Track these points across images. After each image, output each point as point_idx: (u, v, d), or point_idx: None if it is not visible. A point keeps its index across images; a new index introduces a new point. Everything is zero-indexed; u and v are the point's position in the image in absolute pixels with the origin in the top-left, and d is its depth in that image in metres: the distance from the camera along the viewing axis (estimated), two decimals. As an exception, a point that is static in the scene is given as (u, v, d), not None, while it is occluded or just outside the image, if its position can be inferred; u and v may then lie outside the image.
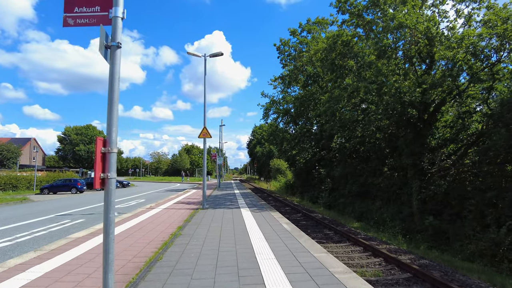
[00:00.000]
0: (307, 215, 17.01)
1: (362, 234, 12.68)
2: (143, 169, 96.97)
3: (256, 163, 74.82)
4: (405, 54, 15.25)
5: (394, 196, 19.70)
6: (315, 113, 27.26)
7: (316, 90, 29.73)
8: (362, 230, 15.08)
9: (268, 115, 36.19)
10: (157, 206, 14.47)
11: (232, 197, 19.52)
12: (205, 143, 13.25)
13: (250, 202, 16.44)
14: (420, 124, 15.54)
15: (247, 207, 13.76)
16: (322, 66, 22.72)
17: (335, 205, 25.70)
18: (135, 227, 9.04)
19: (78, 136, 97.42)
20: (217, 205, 14.56)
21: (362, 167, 22.40)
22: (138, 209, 13.39)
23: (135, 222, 9.97)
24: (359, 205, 22.02)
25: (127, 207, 16.07)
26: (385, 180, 20.38)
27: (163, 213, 11.98)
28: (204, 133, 13.05)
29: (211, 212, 12.06)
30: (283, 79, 30.82)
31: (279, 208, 20.63)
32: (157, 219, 10.52)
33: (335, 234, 12.40)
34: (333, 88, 21.36)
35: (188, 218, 10.72)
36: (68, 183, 30.64)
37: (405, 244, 12.21)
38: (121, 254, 6.05)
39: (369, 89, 14.22)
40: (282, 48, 30.12)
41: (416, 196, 16.01)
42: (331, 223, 14.49)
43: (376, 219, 19.16)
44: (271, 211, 12.43)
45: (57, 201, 21.52)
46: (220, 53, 13.58)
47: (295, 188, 38.22)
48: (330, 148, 30.17)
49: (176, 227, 8.97)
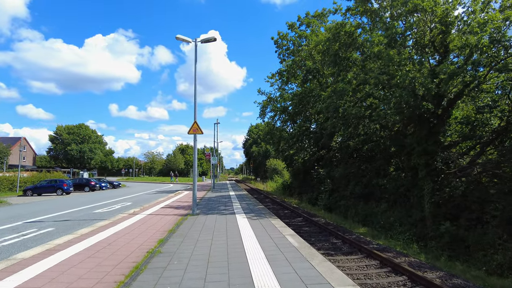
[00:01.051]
0: (308, 220, 15.53)
1: (374, 243, 11.19)
2: (136, 169, 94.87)
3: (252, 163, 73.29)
4: (417, 42, 13.80)
5: (401, 198, 18.30)
6: (315, 110, 25.80)
7: (315, 87, 28.29)
8: (371, 237, 13.62)
9: (265, 113, 34.76)
10: (142, 211, 12.87)
11: (226, 200, 17.96)
12: (195, 140, 11.68)
13: (247, 206, 14.89)
14: (434, 119, 14.10)
15: (243, 212, 12.22)
16: (323, 59, 21.25)
17: (335, 207, 24.30)
18: (106, 240, 7.44)
19: (70, 135, 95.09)
20: (210, 210, 13.01)
21: (366, 167, 20.96)
22: (119, 215, 11.77)
23: (109, 233, 8.36)
24: (362, 207, 20.63)
25: (108, 212, 14.44)
26: (391, 181, 18.97)
27: (146, 220, 10.40)
28: (194, 128, 11.49)
29: (201, 219, 10.51)
30: (281, 75, 29.31)
31: (277, 211, 19.12)
32: (137, 229, 8.94)
33: (343, 243, 10.90)
34: (335, 82, 19.91)
35: (174, 227, 9.14)
36: (53, 184, 28.85)
37: (422, 255, 10.75)
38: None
39: (379, 81, 12.73)
40: (280, 42, 28.61)
41: (428, 199, 14.58)
42: (336, 230, 13.01)
43: (382, 223, 17.76)
44: (270, 218, 10.90)
45: (37, 204, 19.81)
46: (212, 38, 12.02)
47: (293, 189, 36.84)
48: (330, 148, 28.72)
49: (156, 241, 7.40)
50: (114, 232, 8.48)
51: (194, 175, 11.61)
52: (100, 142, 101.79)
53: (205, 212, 12.27)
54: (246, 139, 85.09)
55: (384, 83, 12.87)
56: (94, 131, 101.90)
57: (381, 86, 13.34)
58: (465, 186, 13.22)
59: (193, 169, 11.63)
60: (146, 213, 12.12)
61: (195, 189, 11.68)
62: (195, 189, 11.68)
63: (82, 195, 27.61)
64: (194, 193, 11.66)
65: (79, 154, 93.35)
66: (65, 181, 29.58)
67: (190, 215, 11.34)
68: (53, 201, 21.60)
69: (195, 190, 11.69)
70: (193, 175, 11.62)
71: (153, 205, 15.24)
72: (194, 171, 11.60)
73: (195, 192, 11.64)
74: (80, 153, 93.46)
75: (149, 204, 15.44)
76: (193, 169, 11.57)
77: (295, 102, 28.05)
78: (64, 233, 9.21)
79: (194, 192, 11.67)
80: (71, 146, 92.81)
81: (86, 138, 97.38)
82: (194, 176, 11.63)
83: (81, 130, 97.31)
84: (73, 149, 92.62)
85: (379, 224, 17.72)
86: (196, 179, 11.66)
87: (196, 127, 11.51)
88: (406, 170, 18.37)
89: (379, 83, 13.16)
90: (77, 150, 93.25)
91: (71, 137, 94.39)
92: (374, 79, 12.72)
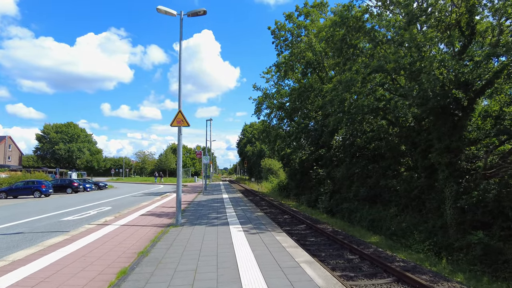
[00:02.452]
0: (313, 227, 13.51)
1: (397, 259, 9.19)
2: (127, 169, 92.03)
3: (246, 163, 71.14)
4: (441, 21, 11.84)
5: (414, 202, 16.42)
6: (316, 105, 23.84)
7: (315, 81, 26.35)
8: (387, 248, 11.68)
9: (260, 110, 32.88)
10: (116, 220, 10.69)
11: (219, 205, 15.82)
12: (180, 134, 9.54)
13: (242, 213, 12.77)
14: (459, 112, 12.18)
15: (238, 223, 10.09)
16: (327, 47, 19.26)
17: (337, 210, 22.41)
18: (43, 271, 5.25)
19: (58, 134, 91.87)
20: (198, 219, 10.86)
21: (373, 166, 19.02)
22: (85, 226, 9.56)
23: (52, 259, 6.09)
24: (368, 211, 18.74)
25: (77, 220, 12.19)
26: (403, 182, 17.04)
27: (115, 235, 8.25)
28: (178, 119, 9.35)
29: (185, 234, 8.37)
30: (278, 68, 27.24)
31: (276, 216, 17.08)
32: (97, 250, 6.78)
33: (361, 260, 8.89)
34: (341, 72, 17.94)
35: (148, 246, 7.00)
36: (30, 185, 26.44)
37: (459, 275, 8.78)
38: None
39: (399, 66, 10.74)
40: (277, 33, 26.57)
41: (451, 204, 12.68)
42: (349, 241, 11.01)
43: (393, 229, 15.87)
44: (273, 232, 8.79)
45: (3, 209, 17.45)
46: (202, 11, 9.87)
47: (289, 190, 34.94)
48: (330, 146, 26.78)
49: (116, 273, 5.26)
50: (61, 256, 6.18)
51: (178, 175, 9.46)
52: (89, 141, 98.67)
53: (192, 222, 10.13)
54: (240, 139, 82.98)
55: (406, 68, 10.88)
56: (83, 130, 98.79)
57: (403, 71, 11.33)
58: (497, 188, 11.31)
59: (177, 169, 9.49)
60: (119, 223, 9.92)
61: (179, 193, 9.52)
62: (179, 193, 9.52)
63: (62, 198, 25.24)
64: (179, 197, 9.51)
65: (67, 153, 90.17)
66: (43, 182, 27.15)
67: (173, 226, 9.19)
68: (24, 205, 19.24)
69: (179, 193, 9.54)
70: (177, 176, 9.47)
71: (133, 211, 13.04)
72: (178, 171, 9.47)
73: (180, 197, 9.48)
74: (68, 152, 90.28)
75: (128, 210, 13.23)
76: (177, 168, 9.43)
77: (294, 97, 26.06)
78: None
79: (179, 197, 9.52)
80: (59, 146, 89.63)
81: (75, 137, 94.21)
82: (178, 177, 9.47)
83: (69, 128, 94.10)
84: (61, 149, 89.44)
85: (389, 231, 15.83)
86: (180, 180, 9.51)
87: (180, 117, 9.37)
88: (420, 170, 16.47)
89: (400, 69, 11.16)
90: (65, 150, 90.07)
91: (59, 136, 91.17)
92: (394, 63, 10.71)
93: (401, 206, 17.35)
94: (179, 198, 9.39)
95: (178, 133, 9.48)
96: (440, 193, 14.42)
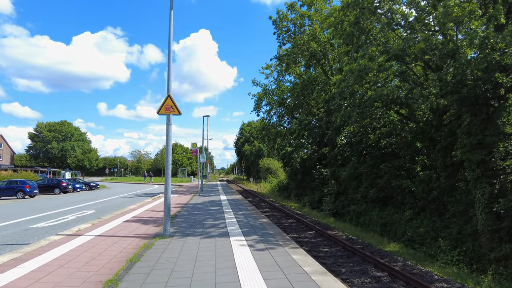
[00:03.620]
0: (323, 234, 11.82)
1: (436, 276, 7.51)
2: (122, 169, 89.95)
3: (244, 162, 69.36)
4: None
5: (433, 205, 14.80)
6: (322, 99, 22.18)
7: (319, 74, 24.70)
8: (411, 258, 10.01)
9: (260, 107, 31.21)
10: (93, 228, 8.90)
11: (216, 208, 14.06)
12: (169, 124, 7.78)
13: (244, 219, 11.00)
14: (495, 101, 10.53)
15: (241, 233, 8.27)
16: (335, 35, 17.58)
17: (343, 213, 20.81)
18: None
19: (51, 132, 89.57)
20: (191, 227, 9.11)
21: (385, 165, 17.37)
22: (52, 237, 7.75)
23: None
24: (379, 214, 17.14)
25: (50, 227, 10.34)
26: (420, 183, 15.39)
27: (84, 250, 6.44)
28: (167, 106, 7.60)
29: (174, 250, 6.48)
30: (280, 60, 25.50)
31: (280, 220, 15.39)
32: (47, 277, 4.92)
33: (392, 279, 7.21)
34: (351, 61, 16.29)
35: (121, 271, 5.19)
36: (13, 185, 24.54)
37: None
38: None
39: (430, 46, 9.05)
40: (279, 23, 24.85)
41: (483, 208, 11.04)
42: (369, 251, 9.33)
43: (409, 235, 14.27)
44: (287, 246, 6.88)
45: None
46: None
47: (290, 191, 33.29)
48: (335, 144, 25.12)
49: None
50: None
51: (166, 175, 7.66)
52: (83, 140, 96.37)
53: (184, 232, 8.36)
54: (238, 138, 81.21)
55: (437, 49, 9.21)
56: (77, 128, 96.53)
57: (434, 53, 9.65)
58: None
59: (165, 167, 7.72)
60: (94, 233, 8.13)
61: (168, 196, 7.73)
62: (168, 196, 7.73)
63: (48, 199, 23.40)
64: (167, 201, 7.73)
65: (60, 152, 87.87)
66: (28, 182, 25.27)
67: (159, 238, 7.43)
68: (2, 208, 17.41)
69: (168, 196, 7.74)
70: (166, 175, 7.69)
71: (116, 216, 11.24)
72: (166, 169, 7.70)
73: (169, 201, 7.70)
74: (62, 151, 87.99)
75: (111, 215, 11.41)
76: (166, 166, 7.66)
77: (297, 92, 24.36)
78: None
79: (167, 201, 7.74)
80: (52, 144, 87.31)
81: (69, 135, 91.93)
82: (166, 176, 7.67)
83: (63, 127, 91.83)
84: (54, 148, 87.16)
85: (405, 236, 14.24)
86: (169, 180, 7.74)
87: (170, 103, 7.62)
88: (439, 170, 14.85)
89: (430, 50, 9.47)
90: (58, 149, 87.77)
91: (52, 135, 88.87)
92: (423, 42, 9.02)
93: (416, 208, 15.75)
94: (168, 202, 7.61)
95: (167, 123, 7.70)
96: (466, 195, 12.80)
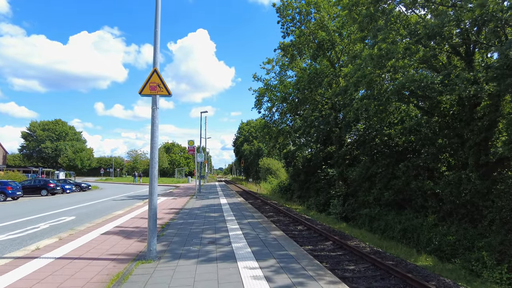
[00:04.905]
0: (343, 246, 9.92)
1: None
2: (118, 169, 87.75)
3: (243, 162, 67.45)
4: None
5: (463, 209, 12.96)
6: (331, 92, 20.31)
7: (326, 67, 22.86)
8: (458, 279, 8.14)
9: (261, 103, 29.44)
10: (58, 245, 6.89)
11: (217, 215, 12.04)
12: (156, 109, 5.86)
13: (252, 230, 8.94)
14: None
15: (251, 254, 6.15)
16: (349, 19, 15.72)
17: (354, 217, 19.05)
18: None
19: (45, 132, 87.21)
20: (185, 244, 7.08)
21: (405, 164, 15.54)
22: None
23: None
24: (395, 218, 15.37)
25: (9, 241, 8.12)
26: (446, 184, 13.54)
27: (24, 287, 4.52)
28: (152, 84, 5.68)
29: (158, 286, 4.55)
30: (284, 51, 23.60)
31: (288, 227, 13.50)
32: None
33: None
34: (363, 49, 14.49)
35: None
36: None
37: None
38: None
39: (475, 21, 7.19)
40: (282, 11, 22.99)
41: (536, 215, 9.20)
42: (405, 270, 7.44)
43: (436, 243, 12.46)
44: (323, 281, 4.70)
45: None
46: None
47: (292, 192, 31.47)
48: (343, 142, 23.30)
49: None
50: None
51: (151, 174, 5.69)
52: (78, 139, 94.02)
53: (175, 251, 6.33)
54: (237, 137, 79.22)
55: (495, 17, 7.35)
56: (72, 128, 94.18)
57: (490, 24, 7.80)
58: None
59: (150, 165, 5.79)
60: (56, 253, 6.06)
61: (153, 203, 5.74)
62: (153, 203, 5.74)
63: (32, 201, 21.44)
64: (152, 210, 5.74)
65: (54, 152, 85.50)
66: (10, 183, 23.25)
67: (141, 262, 5.49)
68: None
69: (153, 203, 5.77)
70: (150, 175, 5.72)
71: (95, 226, 9.21)
72: (151, 168, 5.75)
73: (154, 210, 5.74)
74: (56, 151, 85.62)
75: (89, 225, 9.38)
76: (150, 163, 5.72)
77: (303, 85, 22.47)
78: None
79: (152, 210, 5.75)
80: (45, 144, 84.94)
81: (63, 135, 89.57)
82: (151, 177, 5.71)
83: (57, 126, 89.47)
84: (47, 147, 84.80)
85: (431, 245, 12.43)
86: (155, 182, 5.77)
87: (156, 80, 5.69)
88: (470, 169, 13.01)
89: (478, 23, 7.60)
90: (52, 148, 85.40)
91: (46, 134, 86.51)
92: (479, 8, 7.16)
93: (441, 213, 13.94)
94: (153, 212, 5.67)
95: (153, 106, 5.77)
96: (509, 198, 10.98)
